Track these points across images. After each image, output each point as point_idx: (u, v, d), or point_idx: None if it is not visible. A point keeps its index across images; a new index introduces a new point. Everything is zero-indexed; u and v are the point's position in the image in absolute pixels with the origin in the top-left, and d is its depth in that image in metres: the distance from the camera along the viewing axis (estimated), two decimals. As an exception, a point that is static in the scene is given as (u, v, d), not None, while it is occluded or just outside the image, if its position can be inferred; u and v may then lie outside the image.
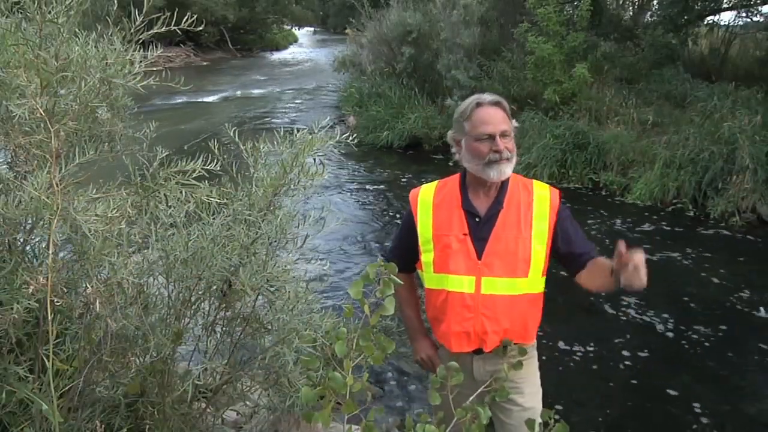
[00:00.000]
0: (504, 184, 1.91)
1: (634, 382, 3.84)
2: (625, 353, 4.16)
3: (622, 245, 1.57)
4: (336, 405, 1.29)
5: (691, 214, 6.99)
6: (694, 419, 3.47)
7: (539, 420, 1.43)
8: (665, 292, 5.08)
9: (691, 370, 3.98)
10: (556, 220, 1.89)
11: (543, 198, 1.91)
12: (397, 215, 7.02)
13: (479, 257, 1.85)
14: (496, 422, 2.00)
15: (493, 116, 1.86)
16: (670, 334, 4.39)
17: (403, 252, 2.03)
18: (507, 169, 1.85)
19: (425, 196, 1.97)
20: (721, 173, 6.97)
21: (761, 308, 4.80)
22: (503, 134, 1.85)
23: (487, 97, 1.90)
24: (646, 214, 7.06)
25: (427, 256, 1.93)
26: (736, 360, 4.07)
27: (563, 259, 1.92)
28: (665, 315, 4.67)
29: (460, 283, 1.86)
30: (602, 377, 3.89)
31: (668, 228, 6.64)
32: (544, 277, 1.92)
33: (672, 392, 3.70)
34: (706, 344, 4.27)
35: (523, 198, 1.90)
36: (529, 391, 1.98)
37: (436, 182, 2.02)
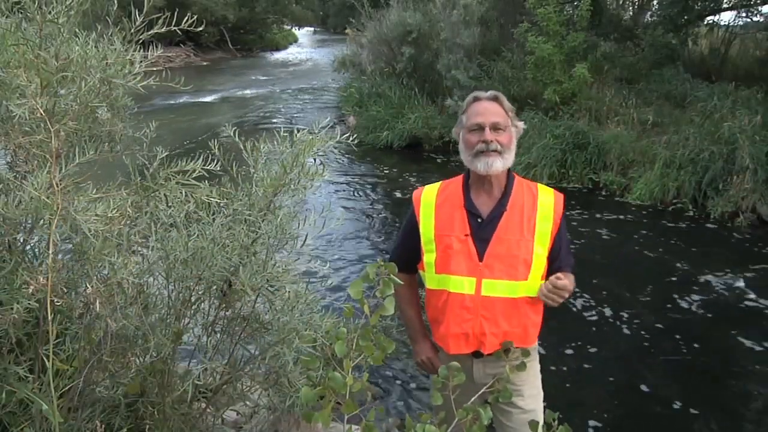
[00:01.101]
0: (508, 186, 1.90)
1: (633, 383, 3.83)
2: (624, 355, 4.16)
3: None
4: (336, 405, 1.29)
5: (691, 214, 6.99)
6: (693, 420, 3.47)
7: (541, 422, 1.43)
8: (664, 292, 5.09)
9: (690, 372, 3.98)
10: (559, 226, 1.88)
11: (548, 203, 1.89)
12: (397, 215, 7.02)
13: (480, 258, 1.84)
14: (496, 424, 1.99)
15: (487, 109, 1.88)
16: (669, 335, 4.39)
17: (406, 252, 2.01)
18: (496, 163, 1.83)
19: (428, 197, 1.96)
20: (721, 173, 6.98)
21: (762, 308, 4.80)
22: (495, 126, 1.85)
23: (487, 92, 1.95)
24: (646, 214, 7.06)
25: (429, 257, 1.92)
26: (737, 360, 4.07)
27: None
28: (664, 316, 4.67)
29: (461, 285, 1.85)
30: (601, 379, 3.89)
31: (668, 228, 6.64)
32: (544, 281, 1.89)
33: (671, 393, 3.70)
34: (706, 345, 4.27)
35: (527, 201, 1.88)
36: (529, 393, 1.97)
37: (439, 183, 2.01)
